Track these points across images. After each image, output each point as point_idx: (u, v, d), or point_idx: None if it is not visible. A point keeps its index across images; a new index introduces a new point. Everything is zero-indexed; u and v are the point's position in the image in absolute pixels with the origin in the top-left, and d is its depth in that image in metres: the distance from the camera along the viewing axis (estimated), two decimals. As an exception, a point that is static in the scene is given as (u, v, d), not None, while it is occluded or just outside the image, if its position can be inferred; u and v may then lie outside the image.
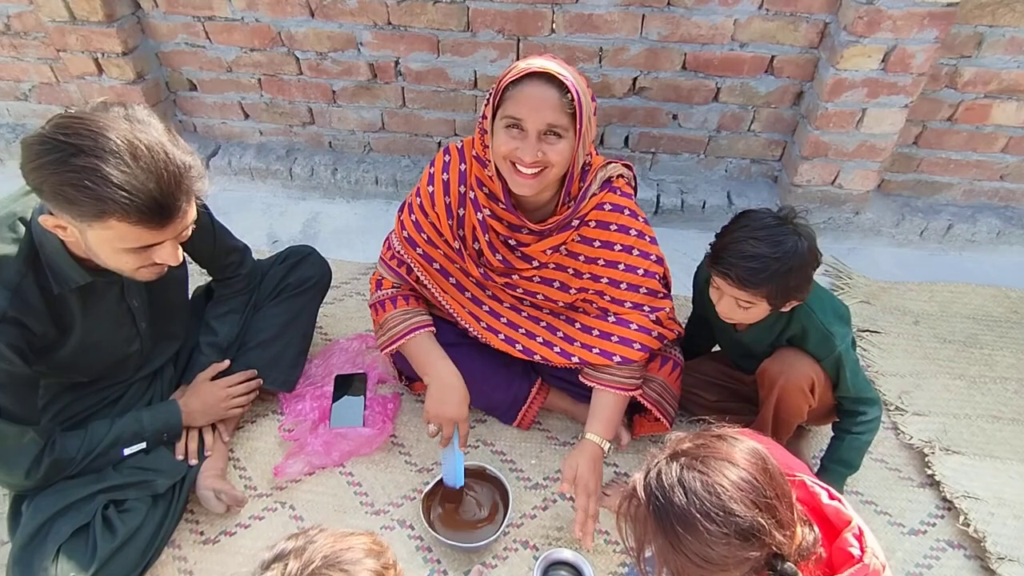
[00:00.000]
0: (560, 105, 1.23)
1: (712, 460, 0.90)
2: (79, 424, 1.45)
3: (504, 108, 1.27)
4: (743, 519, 0.85)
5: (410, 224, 1.53)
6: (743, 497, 0.87)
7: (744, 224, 1.33)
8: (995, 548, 1.49)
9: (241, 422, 1.73)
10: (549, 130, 1.25)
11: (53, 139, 1.05)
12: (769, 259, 1.27)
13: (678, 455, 0.92)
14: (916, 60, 1.91)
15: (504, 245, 1.48)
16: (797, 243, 1.28)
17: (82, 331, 1.33)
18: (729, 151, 2.35)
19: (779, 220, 1.32)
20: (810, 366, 1.43)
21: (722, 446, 0.92)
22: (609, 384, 1.51)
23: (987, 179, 2.29)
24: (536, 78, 1.23)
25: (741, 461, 0.90)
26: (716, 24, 2.03)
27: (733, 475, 0.88)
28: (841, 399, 1.48)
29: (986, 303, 2.13)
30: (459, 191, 1.46)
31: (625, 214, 1.44)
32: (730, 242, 1.32)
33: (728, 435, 0.95)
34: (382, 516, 1.58)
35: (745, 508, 0.86)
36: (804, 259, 1.29)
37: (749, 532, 0.86)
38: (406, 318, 1.57)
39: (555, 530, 1.55)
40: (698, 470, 0.89)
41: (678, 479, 0.89)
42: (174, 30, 2.27)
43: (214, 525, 1.55)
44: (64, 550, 1.26)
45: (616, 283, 1.47)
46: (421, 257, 1.53)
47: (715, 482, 0.87)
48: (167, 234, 1.16)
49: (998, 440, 1.74)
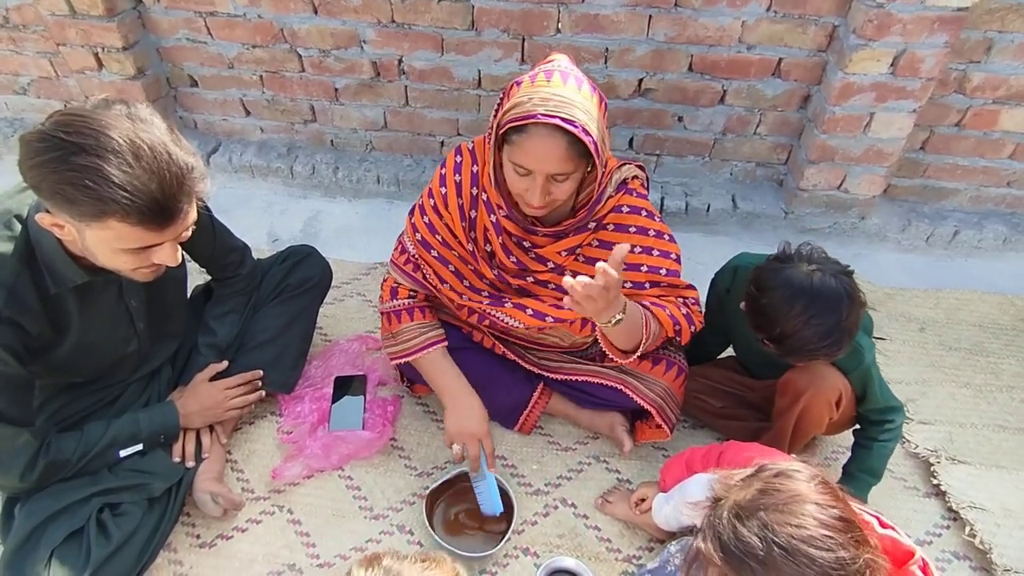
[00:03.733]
0: (568, 155, 1.19)
1: (787, 505, 0.83)
2: (75, 425, 1.42)
3: (510, 151, 1.22)
4: (849, 558, 0.80)
5: (423, 226, 1.50)
6: (839, 535, 0.81)
7: (788, 300, 1.25)
8: (1001, 560, 1.47)
9: (239, 424, 1.71)
10: (557, 176, 1.23)
11: (54, 136, 1.03)
12: (838, 328, 1.23)
13: (744, 509, 0.84)
14: (925, 65, 1.89)
15: (518, 247, 1.45)
16: (839, 288, 1.24)
17: (79, 331, 1.31)
18: (735, 154, 2.33)
19: (809, 272, 1.26)
20: (839, 379, 1.40)
21: (786, 484, 0.86)
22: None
23: (994, 185, 2.27)
24: (544, 129, 1.16)
25: (815, 495, 0.84)
26: (724, 26, 2.01)
27: (819, 514, 0.82)
28: (868, 411, 1.45)
29: (992, 311, 2.12)
30: (471, 193, 1.43)
31: (643, 215, 1.42)
32: (793, 332, 1.25)
33: (781, 469, 0.89)
34: (381, 521, 1.56)
35: (848, 546, 0.80)
36: (852, 296, 1.25)
37: (859, 570, 0.81)
38: (423, 331, 1.56)
39: (556, 537, 1.53)
40: (777, 523, 0.81)
41: (761, 538, 0.81)
42: (175, 25, 2.24)
43: (211, 529, 1.53)
44: (57, 555, 1.24)
45: (639, 285, 1.44)
46: (436, 260, 1.51)
47: (804, 531, 0.80)
48: (167, 235, 1.14)
49: (1004, 450, 1.73)
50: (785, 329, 1.26)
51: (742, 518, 0.84)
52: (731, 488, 0.89)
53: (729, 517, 0.85)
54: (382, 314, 1.61)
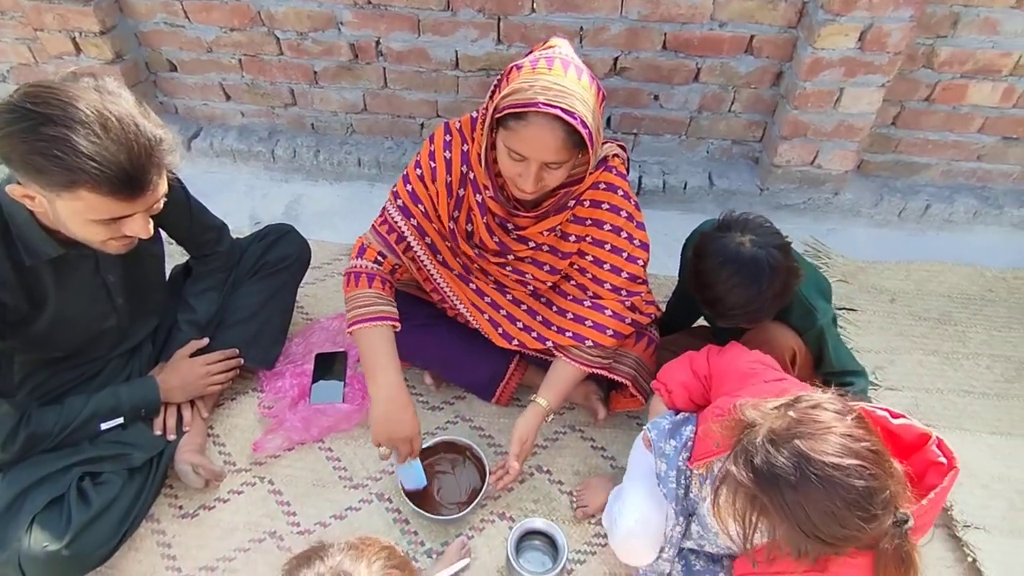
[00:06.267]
0: (565, 145, 1.20)
1: (822, 435, 0.87)
2: (57, 400, 1.45)
3: (506, 136, 1.23)
4: (878, 487, 0.85)
5: (406, 194, 1.49)
6: (870, 466, 0.86)
7: (718, 268, 1.32)
8: (961, 516, 1.52)
9: (221, 399, 1.74)
10: (551, 164, 1.25)
11: (22, 108, 1.05)
12: (759, 296, 1.30)
13: (780, 436, 0.89)
14: (892, 39, 1.92)
15: (501, 228, 1.47)
16: (764, 260, 1.29)
17: (56, 305, 1.33)
18: (710, 132, 2.36)
19: (741, 242, 1.32)
20: (792, 338, 1.45)
21: (820, 415, 0.90)
22: (573, 358, 1.52)
23: (964, 159, 2.31)
24: (543, 118, 1.16)
25: (845, 427, 0.88)
26: (695, 3, 2.03)
27: (851, 444, 0.86)
28: (827, 375, 1.49)
29: (961, 281, 2.16)
30: (461, 171, 1.44)
31: (618, 194, 1.44)
32: (720, 297, 1.33)
33: (817, 401, 0.93)
34: (360, 490, 1.59)
35: (879, 477, 0.85)
36: (781, 264, 1.31)
37: (886, 500, 0.86)
38: (377, 302, 1.48)
39: (531, 502, 1.57)
40: (812, 450, 0.86)
41: (795, 464, 0.85)
42: (152, 9, 2.25)
43: (193, 499, 1.56)
44: (38, 520, 1.27)
45: (600, 262, 1.48)
46: (415, 228, 1.51)
47: (836, 459, 0.85)
48: (137, 206, 1.16)
49: (969, 413, 1.77)
50: (715, 293, 1.34)
51: (777, 444, 0.88)
52: (766, 415, 0.93)
53: (763, 442, 0.89)
54: (345, 274, 1.54)
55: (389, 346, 1.45)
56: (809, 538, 0.88)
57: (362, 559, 0.87)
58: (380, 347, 1.44)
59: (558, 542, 1.39)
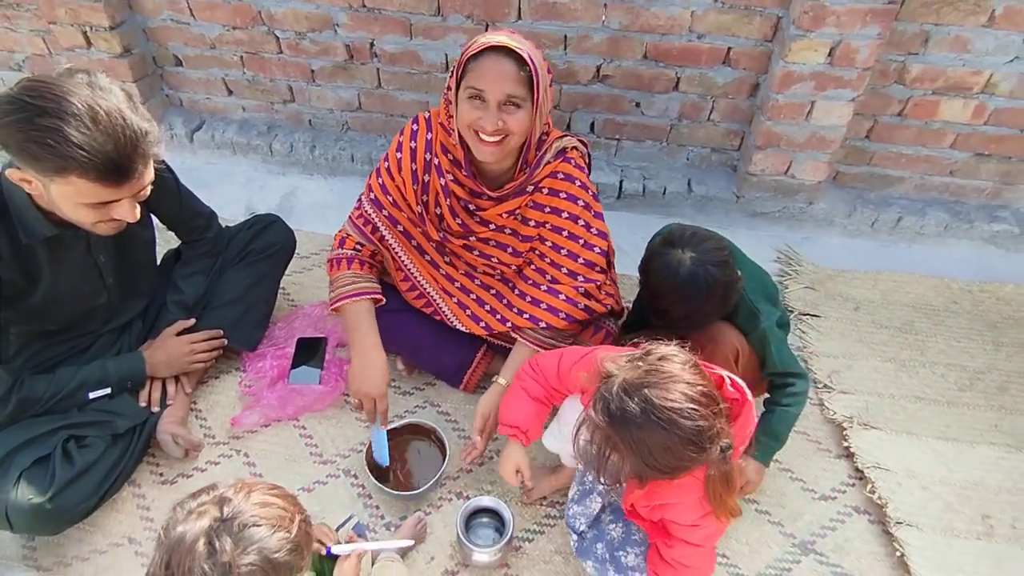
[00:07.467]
0: (518, 77, 1.34)
1: (666, 384, 1.04)
2: (49, 370, 1.56)
3: (467, 80, 1.37)
4: (708, 426, 1.03)
5: (377, 187, 1.64)
6: (702, 408, 1.03)
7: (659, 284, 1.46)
8: (895, 513, 1.59)
9: (204, 377, 1.85)
10: (508, 100, 1.36)
11: (19, 100, 1.16)
12: (698, 312, 1.44)
13: (632, 385, 1.05)
14: (860, 55, 1.98)
15: (464, 210, 1.58)
16: (705, 277, 1.40)
17: (49, 281, 1.45)
18: (690, 140, 2.44)
19: (682, 260, 1.42)
20: (737, 338, 1.53)
21: (665, 366, 1.07)
22: (529, 340, 1.62)
23: (937, 174, 2.37)
24: (495, 52, 1.34)
25: (687, 376, 1.06)
26: (674, 15, 2.11)
27: (689, 391, 1.04)
28: (770, 375, 1.58)
29: (927, 292, 2.22)
30: (425, 158, 1.57)
31: (576, 185, 1.54)
32: (664, 309, 1.47)
33: (664, 353, 1.10)
34: (328, 466, 1.70)
35: (708, 417, 1.03)
36: (718, 281, 1.41)
37: (713, 435, 1.04)
38: (357, 281, 1.66)
39: (488, 484, 1.67)
40: (657, 397, 1.02)
41: (643, 409, 1.02)
42: (159, 6, 2.37)
43: (173, 468, 1.67)
44: (25, 476, 1.38)
45: (557, 248, 1.57)
46: (387, 219, 1.64)
47: (677, 404, 1.02)
48: (124, 192, 1.27)
49: (918, 419, 1.84)
50: (660, 306, 1.47)
51: (629, 392, 1.05)
52: (622, 367, 1.09)
53: (618, 391, 1.05)
54: (327, 262, 1.71)
55: (369, 316, 1.63)
56: (651, 469, 1.06)
57: (243, 490, 0.97)
58: (362, 316, 1.62)
59: (505, 518, 1.48)
